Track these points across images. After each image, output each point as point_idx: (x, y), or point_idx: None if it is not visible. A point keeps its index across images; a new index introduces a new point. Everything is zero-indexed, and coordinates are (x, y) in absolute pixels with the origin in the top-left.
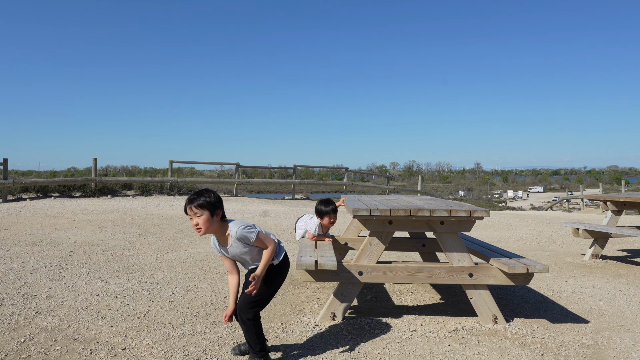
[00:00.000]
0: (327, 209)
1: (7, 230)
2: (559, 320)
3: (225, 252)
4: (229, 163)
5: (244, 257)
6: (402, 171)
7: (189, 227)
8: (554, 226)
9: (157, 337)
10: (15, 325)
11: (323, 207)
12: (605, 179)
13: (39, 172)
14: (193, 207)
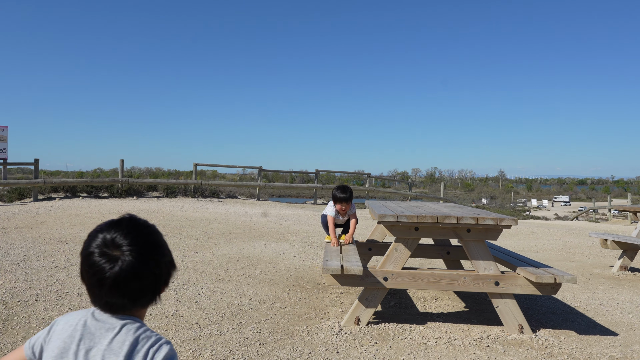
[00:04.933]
0: (339, 195)
1: (39, 228)
2: (587, 332)
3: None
4: (252, 167)
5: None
6: (424, 178)
7: (213, 229)
8: (581, 236)
9: (185, 336)
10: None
11: (337, 193)
12: (633, 189)
13: (66, 172)
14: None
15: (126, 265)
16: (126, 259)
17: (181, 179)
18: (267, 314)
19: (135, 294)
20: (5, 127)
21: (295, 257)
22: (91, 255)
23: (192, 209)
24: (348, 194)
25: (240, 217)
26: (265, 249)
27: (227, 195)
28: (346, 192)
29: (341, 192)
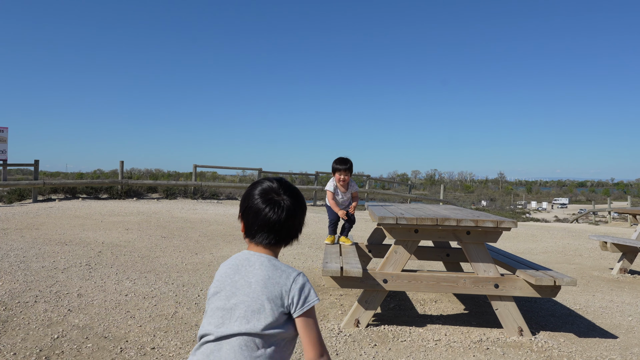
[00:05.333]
0: (337, 165)
1: (38, 229)
2: (586, 335)
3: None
4: (252, 168)
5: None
6: (424, 180)
7: (213, 230)
8: (580, 239)
9: (184, 338)
10: (49, 322)
11: (336, 165)
12: (633, 191)
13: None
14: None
15: (286, 208)
16: (286, 203)
17: (181, 180)
18: None
19: (285, 232)
20: (6, 128)
21: (295, 259)
22: (256, 201)
23: (192, 210)
24: (348, 164)
25: None
26: None
27: (227, 196)
28: (345, 162)
29: (340, 162)
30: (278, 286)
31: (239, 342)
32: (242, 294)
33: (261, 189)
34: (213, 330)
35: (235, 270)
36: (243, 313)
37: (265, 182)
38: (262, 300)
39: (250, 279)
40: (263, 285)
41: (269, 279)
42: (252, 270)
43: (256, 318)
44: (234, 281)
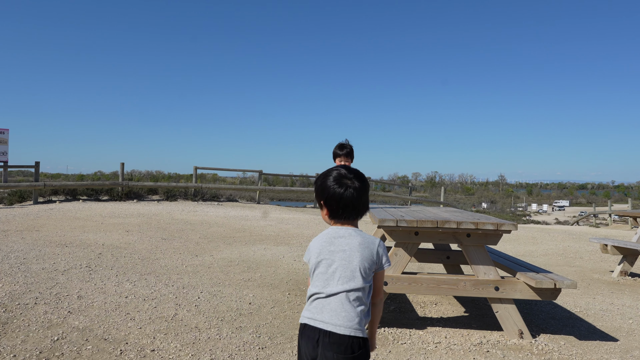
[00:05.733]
0: (338, 151)
1: (39, 231)
2: (587, 338)
3: None
4: (252, 170)
5: None
6: (424, 182)
7: (213, 232)
8: (581, 241)
9: (184, 340)
10: (49, 324)
11: (337, 150)
12: (634, 194)
13: (67, 175)
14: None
15: (358, 188)
16: (356, 184)
17: (181, 182)
18: (267, 318)
19: (360, 207)
20: (6, 130)
21: (295, 261)
22: (331, 187)
23: (192, 212)
24: (347, 149)
25: (241, 221)
26: (265, 253)
27: (227, 198)
28: (344, 147)
29: (340, 148)
30: (368, 250)
31: (341, 297)
32: (339, 260)
33: (333, 178)
34: (321, 290)
35: (330, 242)
36: (342, 275)
37: (334, 172)
38: (356, 263)
39: (344, 247)
40: (356, 250)
41: (360, 245)
42: (343, 241)
43: (352, 278)
44: (330, 251)
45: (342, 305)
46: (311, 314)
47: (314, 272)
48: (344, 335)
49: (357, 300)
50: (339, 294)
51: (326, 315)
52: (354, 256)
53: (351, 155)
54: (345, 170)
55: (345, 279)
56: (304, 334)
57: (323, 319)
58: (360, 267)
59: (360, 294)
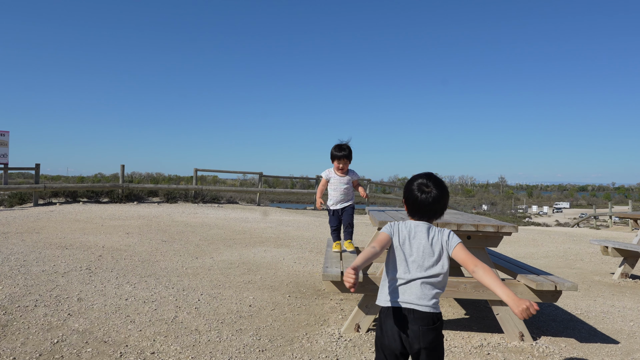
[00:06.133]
0: (336, 152)
1: (39, 233)
2: (588, 340)
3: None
4: (253, 172)
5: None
6: None
7: (214, 235)
8: (581, 243)
9: (184, 342)
10: (49, 327)
11: (334, 151)
12: (634, 196)
13: (67, 177)
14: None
15: (433, 196)
16: (433, 192)
17: (182, 184)
18: (267, 320)
19: (435, 211)
20: (7, 132)
21: (296, 264)
22: (414, 191)
23: (193, 214)
24: (346, 151)
25: (241, 223)
26: (265, 255)
27: (227, 200)
28: (343, 149)
29: (338, 149)
30: (440, 242)
31: (420, 282)
32: (417, 251)
33: (416, 184)
34: (402, 276)
35: (409, 236)
36: (420, 264)
37: (418, 179)
38: (431, 253)
39: (421, 240)
40: (432, 244)
41: (433, 238)
42: (420, 235)
43: (429, 266)
44: (410, 243)
45: (421, 288)
46: (394, 297)
47: (390, 260)
48: (425, 312)
49: (432, 284)
50: (418, 280)
51: (408, 297)
52: (430, 248)
53: (349, 156)
54: (427, 179)
55: (423, 267)
56: (389, 313)
57: (406, 299)
58: (435, 257)
59: (434, 279)
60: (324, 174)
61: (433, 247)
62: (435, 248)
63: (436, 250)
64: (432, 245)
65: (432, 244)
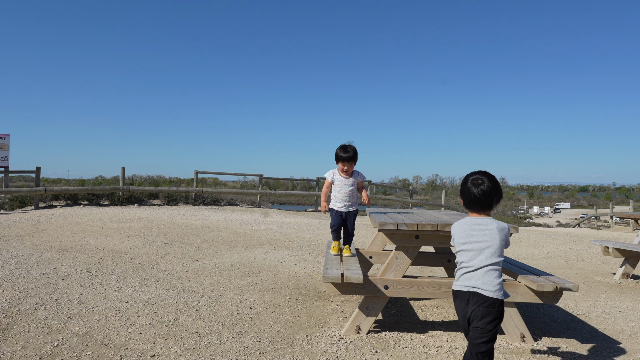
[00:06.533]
0: (341, 154)
1: (39, 236)
2: (589, 341)
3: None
4: (253, 174)
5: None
6: (426, 185)
7: (214, 237)
8: (582, 244)
9: (184, 345)
10: (49, 330)
11: (339, 152)
12: (635, 196)
13: (68, 180)
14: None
15: (486, 189)
16: (486, 185)
17: (182, 186)
18: (268, 322)
19: (487, 203)
20: (7, 135)
21: (296, 265)
22: (469, 186)
23: (193, 216)
24: (351, 152)
25: (241, 225)
26: (266, 257)
27: (228, 202)
28: (348, 150)
29: (343, 150)
30: (503, 233)
31: (485, 269)
32: (478, 241)
33: (471, 180)
34: (468, 264)
35: (471, 228)
36: (484, 253)
37: (474, 175)
38: (494, 241)
39: (483, 231)
40: (495, 233)
41: (497, 229)
42: (484, 227)
43: (492, 254)
44: (471, 235)
45: (486, 275)
46: (462, 282)
47: (459, 249)
48: (488, 296)
49: (496, 271)
50: (483, 267)
51: (474, 282)
52: (494, 238)
53: (354, 158)
54: (480, 174)
55: (487, 256)
56: (457, 296)
57: (472, 284)
58: (499, 246)
59: (497, 266)
60: (328, 175)
61: (498, 236)
62: (499, 237)
63: (500, 239)
64: (497, 235)
65: (497, 234)
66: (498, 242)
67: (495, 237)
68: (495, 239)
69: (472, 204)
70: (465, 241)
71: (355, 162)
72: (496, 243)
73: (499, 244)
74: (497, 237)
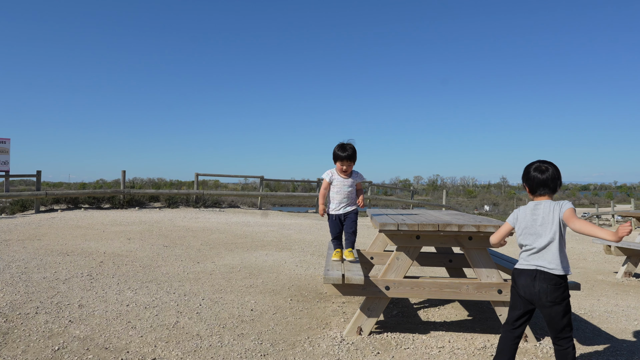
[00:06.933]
0: (339, 153)
1: (40, 240)
2: (592, 340)
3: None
4: (254, 176)
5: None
6: (426, 185)
7: (215, 239)
8: (584, 243)
9: (185, 348)
10: (50, 334)
11: (337, 152)
12: (637, 194)
13: (69, 184)
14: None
15: (550, 174)
16: (549, 170)
17: (183, 189)
18: (269, 324)
19: (553, 186)
20: (8, 139)
21: (297, 267)
22: (533, 173)
23: (194, 219)
24: (350, 151)
25: (242, 227)
26: (267, 259)
27: (229, 205)
28: (346, 149)
29: (341, 149)
30: (559, 212)
31: (551, 246)
32: (541, 222)
33: (534, 167)
34: (532, 245)
35: (533, 212)
36: (545, 233)
37: (535, 163)
38: (555, 223)
39: (545, 213)
40: (554, 214)
41: (554, 210)
42: (544, 209)
43: (554, 233)
44: (534, 218)
45: (548, 253)
46: (527, 262)
47: (521, 233)
48: (552, 273)
49: (557, 249)
50: (546, 246)
51: (539, 261)
52: (553, 218)
53: (353, 157)
54: (543, 162)
55: (550, 235)
56: (522, 275)
57: (537, 263)
58: (558, 225)
59: (559, 244)
60: (326, 175)
61: (557, 216)
62: (557, 217)
63: (555, 220)
64: (555, 215)
65: (555, 214)
66: (556, 222)
67: (556, 218)
68: (556, 219)
69: (538, 189)
70: (530, 224)
71: (354, 162)
72: (556, 222)
73: (558, 223)
74: (557, 217)
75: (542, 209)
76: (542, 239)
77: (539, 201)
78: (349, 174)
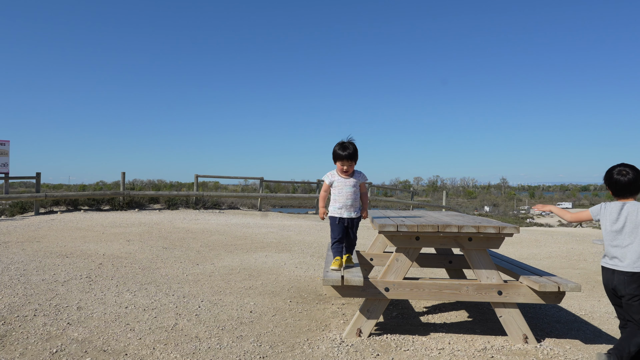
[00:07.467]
0: (339, 152)
1: (40, 242)
2: (593, 341)
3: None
4: (254, 177)
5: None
6: (426, 186)
7: (214, 241)
8: (584, 243)
9: (184, 350)
10: (48, 336)
11: (338, 151)
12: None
13: (69, 186)
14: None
15: (631, 176)
16: (628, 175)
17: (183, 190)
18: (268, 326)
19: (630, 190)
20: (7, 141)
21: (297, 268)
22: (616, 176)
23: (194, 220)
24: (350, 150)
25: (242, 229)
26: (266, 260)
27: (228, 206)
28: (346, 148)
29: (341, 148)
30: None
31: (629, 247)
32: (623, 221)
33: (616, 171)
34: (619, 243)
35: (618, 213)
36: (629, 232)
37: (617, 167)
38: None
39: (631, 213)
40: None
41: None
42: (629, 211)
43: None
44: (618, 218)
45: (629, 251)
46: (609, 260)
47: (607, 230)
48: (628, 271)
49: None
50: (628, 245)
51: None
52: (636, 219)
53: (354, 156)
54: (621, 166)
55: (632, 236)
56: (605, 271)
57: (615, 263)
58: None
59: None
60: (326, 178)
61: (637, 217)
62: (637, 217)
63: (638, 219)
64: (636, 215)
65: (637, 215)
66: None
67: (636, 218)
68: (637, 219)
69: (622, 191)
70: (613, 222)
71: (355, 161)
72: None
73: None
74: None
75: (628, 210)
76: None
77: (625, 203)
78: (351, 173)
